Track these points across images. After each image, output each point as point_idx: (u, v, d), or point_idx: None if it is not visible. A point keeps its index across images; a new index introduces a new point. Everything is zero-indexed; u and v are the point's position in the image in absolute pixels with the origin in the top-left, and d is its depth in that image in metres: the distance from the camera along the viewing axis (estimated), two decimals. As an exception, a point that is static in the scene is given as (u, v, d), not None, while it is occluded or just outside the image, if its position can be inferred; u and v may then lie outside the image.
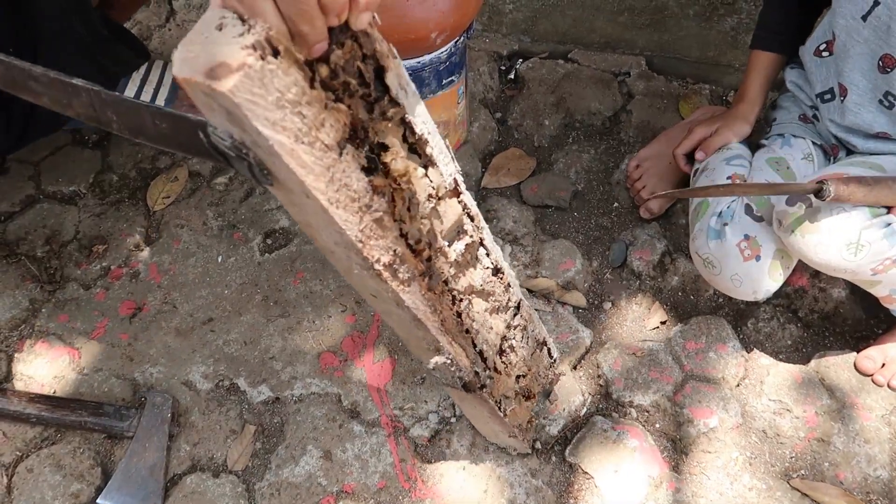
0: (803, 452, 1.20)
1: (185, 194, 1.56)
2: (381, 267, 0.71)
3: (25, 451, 1.24)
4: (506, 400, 1.03)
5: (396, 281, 0.74)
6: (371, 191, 0.65)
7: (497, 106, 1.73)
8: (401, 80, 0.64)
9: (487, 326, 0.93)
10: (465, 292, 0.86)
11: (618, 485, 1.16)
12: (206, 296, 1.41)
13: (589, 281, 1.42)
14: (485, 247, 0.87)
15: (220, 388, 1.30)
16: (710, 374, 1.27)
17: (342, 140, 0.60)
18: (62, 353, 1.34)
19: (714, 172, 1.23)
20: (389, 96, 0.64)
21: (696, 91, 1.68)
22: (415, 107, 0.67)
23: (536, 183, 1.56)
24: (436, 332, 0.83)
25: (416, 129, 0.68)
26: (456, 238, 0.81)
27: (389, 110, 0.64)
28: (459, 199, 0.79)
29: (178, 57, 0.51)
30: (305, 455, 1.22)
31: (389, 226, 0.69)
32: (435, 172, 0.73)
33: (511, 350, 1.01)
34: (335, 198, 0.62)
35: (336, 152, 0.60)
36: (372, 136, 0.64)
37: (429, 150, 0.71)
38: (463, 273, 0.85)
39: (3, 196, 1.55)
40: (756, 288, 1.13)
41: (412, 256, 0.74)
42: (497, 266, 0.90)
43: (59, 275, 1.45)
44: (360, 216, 0.65)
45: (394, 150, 0.67)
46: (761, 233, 1.11)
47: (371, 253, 0.68)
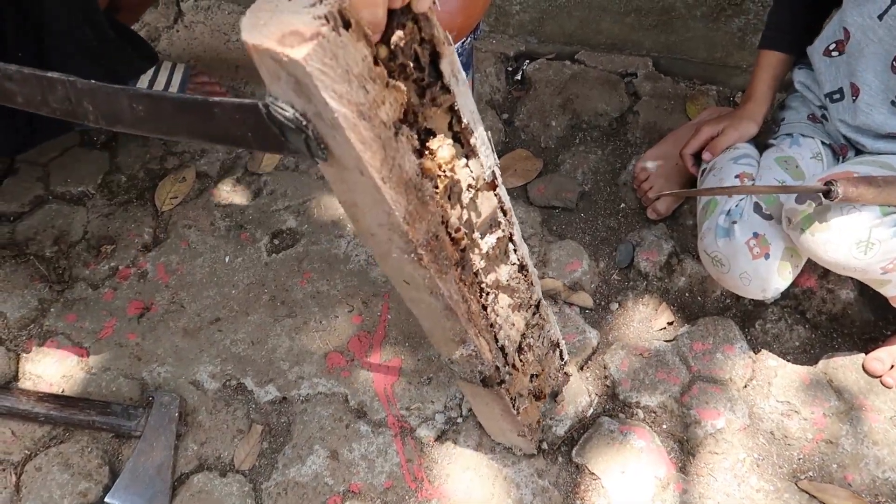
0: (811, 454, 1.20)
1: (192, 195, 1.57)
2: (424, 251, 0.71)
3: (34, 450, 1.24)
4: (520, 398, 1.03)
5: (435, 266, 0.74)
6: (420, 174, 0.66)
7: (504, 107, 1.73)
8: (454, 68, 0.64)
9: (510, 323, 0.93)
10: (493, 286, 0.86)
11: (624, 485, 1.15)
12: (213, 296, 1.41)
13: (596, 282, 1.42)
14: (514, 242, 0.87)
15: (227, 387, 1.30)
16: (718, 376, 1.26)
17: (398, 120, 0.61)
18: (70, 353, 1.35)
19: (722, 171, 1.23)
20: (442, 82, 0.64)
21: (703, 92, 1.68)
22: (464, 96, 0.68)
23: (543, 184, 1.56)
24: (465, 322, 0.83)
25: (462, 118, 0.69)
26: (489, 231, 0.82)
27: (440, 97, 0.65)
28: (496, 192, 0.80)
29: (247, 23, 0.51)
30: (312, 455, 1.22)
31: (434, 211, 0.70)
32: (476, 163, 0.74)
33: (529, 349, 1.01)
34: (388, 176, 0.62)
35: (393, 131, 0.61)
36: (421, 121, 0.65)
37: (472, 141, 0.71)
38: (492, 267, 0.85)
39: (12, 197, 1.56)
40: (765, 286, 1.13)
41: (450, 244, 0.74)
42: (523, 263, 0.91)
43: (67, 275, 1.45)
44: (409, 198, 0.66)
45: (440, 136, 0.67)
46: (770, 231, 1.11)
47: (416, 236, 0.69)
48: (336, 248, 1.46)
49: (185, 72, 1.60)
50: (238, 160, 1.63)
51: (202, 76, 1.66)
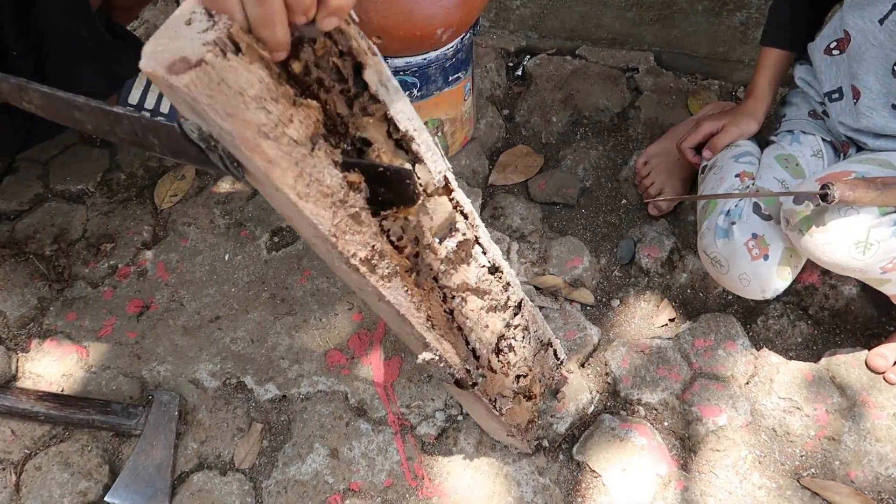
0: (813, 451, 1.19)
1: (192, 192, 1.56)
2: (358, 262, 0.70)
3: (34, 450, 1.24)
4: (502, 399, 1.02)
5: (375, 276, 0.73)
6: (346, 186, 0.65)
7: (504, 103, 1.72)
8: (381, 77, 0.64)
9: (482, 325, 0.92)
10: (459, 289, 0.85)
11: (626, 483, 1.15)
12: (213, 294, 1.41)
13: (597, 278, 1.41)
14: (480, 245, 0.86)
15: (227, 386, 1.30)
16: (719, 372, 1.26)
17: (315, 135, 0.60)
18: (70, 352, 1.34)
19: (722, 170, 1.22)
20: (370, 93, 0.63)
21: (705, 87, 1.67)
22: (397, 103, 0.67)
23: (544, 180, 1.56)
24: (420, 328, 0.82)
25: (399, 126, 0.68)
26: (448, 235, 0.81)
27: (370, 106, 0.64)
28: (451, 197, 0.79)
29: (147, 51, 0.52)
30: (312, 453, 1.22)
31: (367, 221, 0.69)
32: (423, 169, 0.73)
33: (510, 350, 1.00)
34: (305, 192, 0.61)
35: (307, 147, 0.60)
36: (353, 131, 0.64)
37: (415, 147, 0.70)
38: (456, 270, 0.84)
39: (12, 195, 1.56)
40: (764, 287, 1.12)
41: (394, 252, 0.74)
42: (494, 265, 0.90)
43: (67, 273, 1.45)
44: (334, 211, 0.65)
45: (377, 145, 0.67)
46: (769, 231, 1.10)
47: (346, 248, 0.68)
48: (336, 246, 1.45)
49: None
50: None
51: None
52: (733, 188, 1.18)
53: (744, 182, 1.19)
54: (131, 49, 1.50)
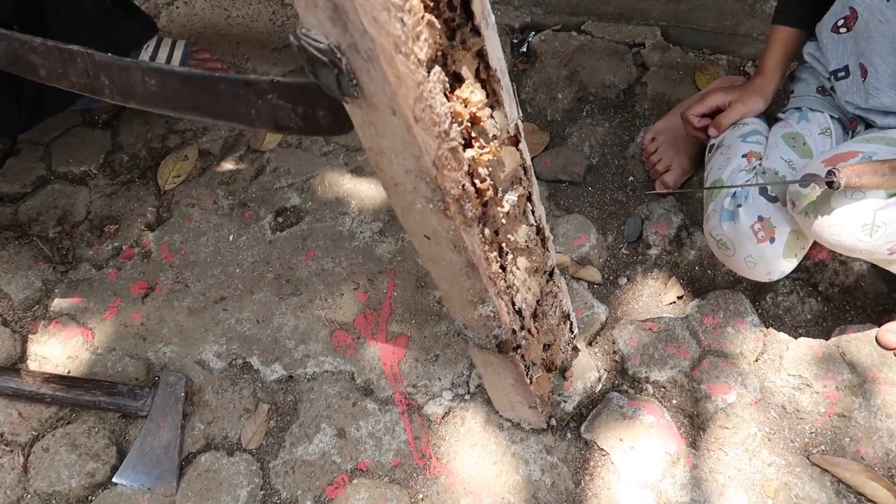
0: (823, 428, 1.18)
1: (195, 173, 1.55)
2: (451, 200, 0.69)
3: (41, 431, 1.24)
4: (534, 367, 1.02)
5: (461, 217, 0.71)
6: (451, 118, 0.63)
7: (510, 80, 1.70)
8: (484, 9, 0.62)
9: (527, 286, 0.91)
10: (512, 247, 0.84)
11: (634, 461, 1.14)
12: (217, 275, 1.40)
13: (604, 256, 1.39)
14: (532, 202, 0.85)
15: (233, 366, 1.30)
16: (728, 350, 1.25)
17: (432, 58, 0.59)
18: (76, 334, 1.34)
19: (729, 150, 1.20)
20: (473, 24, 0.61)
21: (712, 62, 1.64)
22: (493, 41, 0.65)
23: (550, 157, 1.54)
24: (486, 280, 0.81)
25: (491, 64, 0.66)
26: (511, 188, 0.79)
27: (470, 39, 0.62)
28: (518, 147, 0.77)
29: None
30: (319, 433, 1.21)
31: (462, 158, 0.67)
32: (500, 114, 0.71)
33: (543, 316, 0.99)
34: (420, 117, 0.60)
35: (426, 69, 0.58)
36: (450, 64, 0.62)
37: (498, 89, 0.69)
38: (512, 226, 0.83)
39: (14, 177, 1.55)
40: (770, 269, 1.11)
41: (475, 197, 0.73)
42: (540, 225, 0.89)
43: (71, 255, 1.44)
44: (439, 142, 0.63)
45: (467, 83, 0.65)
46: (776, 214, 1.08)
47: (444, 184, 0.66)
48: (340, 226, 1.44)
49: (185, 48, 1.58)
50: (240, 137, 1.61)
51: (203, 53, 1.64)
52: (740, 169, 1.16)
53: (751, 162, 1.17)
54: (136, 18, 1.48)
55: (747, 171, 1.17)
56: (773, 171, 1.13)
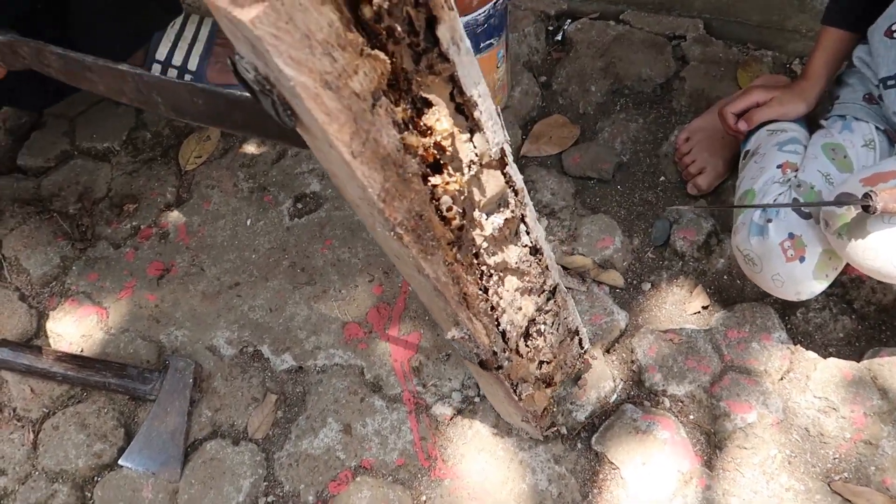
0: (848, 454, 1.13)
1: (217, 154, 1.53)
2: (403, 231, 0.66)
3: (52, 409, 1.25)
4: (523, 384, 0.98)
5: (418, 247, 0.69)
6: (402, 149, 0.60)
7: (542, 69, 1.64)
8: (454, 35, 0.58)
9: (515, 307, 0.88)
10: (497, 268, 0.81)
11: (645, 478, 1.11)
12: (233, 259, 1.39)
13: (628, 259, 1.34)
14: (526, 224, 0.82)
15: (243, 354, 1.28)
16: (752, 366, 1.19)
17: (377, 90, 0.55)
18: (90, 312, 1.34)
19: (764, 159, 1.14)
20: (440, 50, 0.58)
21: (756, 58, 1.56)
22: (467, 66, 0.61)
23: (579, 153, 1.48)
24: (455, 305, 0.79)
25: (465, 90, 0.62)
26: (496, 210, 0.76)
27: (438, 65, 0.59)
28: (504, 171, 0.74)
29: None
30: (325, 427, 1.20)
31: (419, 188, 0.64)
32: (480, 138, 0.68)
33: (539, 335, 0.96)
34: (359, 151, 0.57)
35: (368, 103, 0.55)
36: (415, 89, 0.59)
37: (476, 114, 0.65)
38: (498, 248, 0.80)
39: (39, 151, 1.55)
40: (799, 289, 1.05)
41: (440, 224, 0.69)
42: (536, 246, 0.85)
43: (90, 233, 1.44)
44: (386, 174, 0.60)
45: (438, 107, 0.62)
46: (808, 232, 1.02)
47: (393, 215, 0.64)
48: (359, 215, 1.42)
49: (212, 26, 1.55)
50: (264, 119, 1.59)
51: None
52: (773, 180, 1.10)
53: (785, 174, 1.11)
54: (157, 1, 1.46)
55: (781, 183, 1.10)
56: (808, 184, 1.07)
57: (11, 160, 1.56)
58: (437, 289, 0.75)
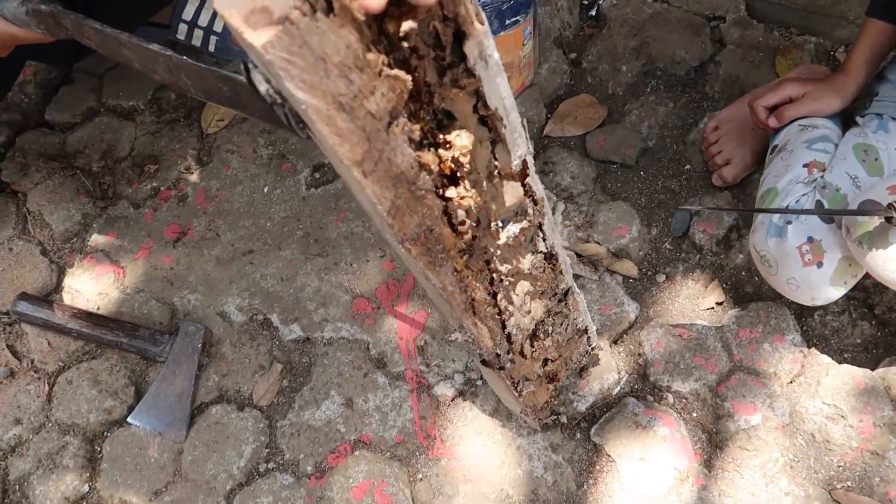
0: (853, 463, 1.10)
1: (238, 118, 1.53)
2: (411, 245, 0.65)
3: (67, 363, 1.28)
4: (525, 382, 0.98)
5: (426, 259, 0.68)
6: (417, 167, 0.59)
7: (573, 45, 1.60)
8: (482, 51, 0.56)
9: (524, 310, 0.87)
10: (509, 274, 0.80)
11: (641, 473, 1.10)
12: (248, 226, 1.40)
13: (645, 249, 1.32)
14: (542, 231, 0.80)
15: (253, 321, 1.30)
16: (761, 368, 1.17)
17: (395, 109, 0.54)
18: (108, 271, 1.37)
19: (791, 156, 1.09)
20: (466, 65, 0.56)
21: (798, 45, 1.50)
22: (494, 80, 0.59)
23: (604, 135, 1.45)
24: (460, 312, 0.78)
25: (489, 105, 0.61)
26: (512, 220, 0.74)
27: (463, 80, 0.57)
28: (524, 183, 0.72)
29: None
30: (328, 400, 1.21)
31: (431, 203, 0.63)
32: (502, 151, 0.66)
33: (546, 336, 0.95)
34: (371, 170, 0.56)
35: (384, 123, 0.54)
36: (437, 102, 0.58)
37: (500, 128, 0.63)
38: (511, 255, 0.78)
39: (66, 106, 1.57)
40: (815, 295, 1.02)
41: (452, 235, 0.68)
42: (552, 252, 0.83)
43: (111, 191, 1.46)
44: (397, 192, 0.59)
45: (460, 120, 0.60)
46: (828, 236, 0.98)
47: (403, 230, 0.63)
48: (375, 188, 1.41)
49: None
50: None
51: None
52: (798, 180, 1.06)
53: (811, 174, 1.06)
54: None
55: (805, 183, 1.06)
56: (834, 187, 1.03)
57: (40, 114, 1.57)
58: (443, 296, 0.75)
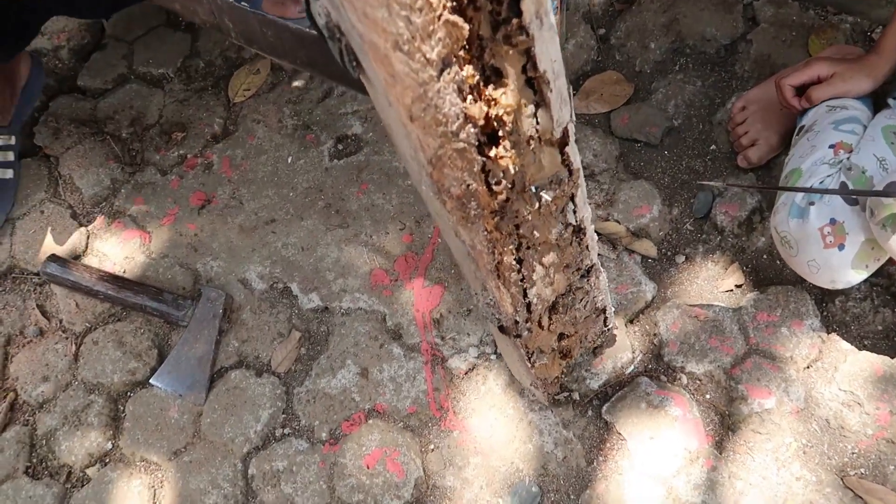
0: (867, 451, 1.09)
1: (265, 88, 1.54)
2: (448, 197, 0.65)
3: (94, 324, 1.32)
4: (539, 354, 0.98)
5: (460, 214, 0.68)
6: (462, 119, 0.59)
7: (602, 21, 1.58)
8: (539, 9, 0.55)
9: (547, 281, 0.87)
10: (536, 242, 0.80)
11: (651, 452, 1.10)
12: (271, 196, 1.41)
13: (665, 229, 1.31)
14: (574, 203, 0.80)
15: (273, 289, 1.32)
16: (777, 352, 1.16)
17: (449, 56, 0.54)
18: (134, 236, 1.40)
19: (817, 137, 1.07)
20: (520, 22, 0.55)
21: (833, 25, 1.46)
22: (547, 41, 0.59)
23: (629, 113, 1.43)
24: (486, 272, 0.78)
25: (538, 66, 0.60)
26: (547, 187, 0.74)
27: (516, 37, 0.56)
28: (564, 151, 0.72)
29: None
30: (344, 369, 1.23)
31: (471, 158, 0.63)
32: (545, 115, 0.65)
33: (565, 310, 0.95)
34: (419, 115, 0.56)
35: (436, 69, 0.53)
36: (487, 57, 0.57)
37: (546, 92, 0.62)
38: (541, 223, 0.78)
39: (98, 72, 1.60)
40: (835, 278, 1.00)
41: (487, 194, 0.68)
42: (581, 225, 0.83)
43: (139, 158, 1.49)
44: (442, 142, 0.59)
45: (508, 79, 0.59)
46: (851, 219, 0.97)
47: (441, 181, 0.63)
48: (397, 162, 1.41)
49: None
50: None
51: None
52: (823, 161, 1.04)
53: (837, 155, 1.04)
54: None
55: (831, 164, 1.04)
56: (860, 168, 1.01)
57: (73, 79, 1.60)
58: (471, 255, 0.75)
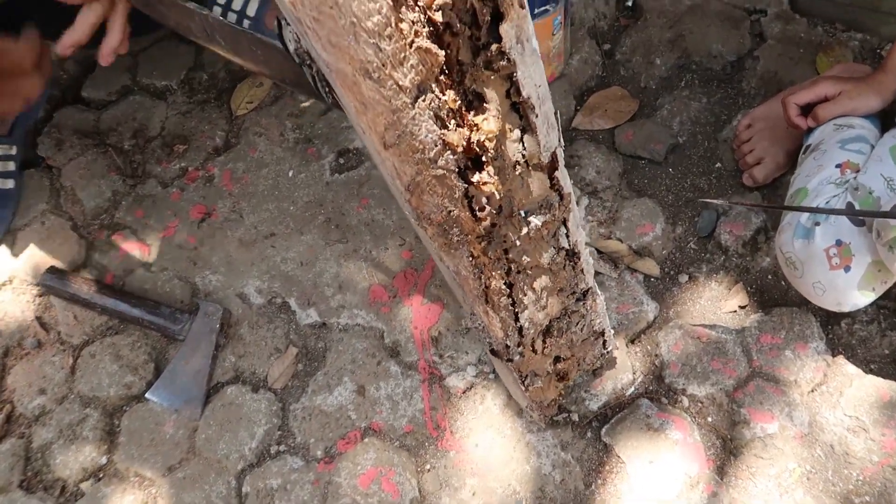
0: (873, 478, 1.07)
1: (267, 101, 1.54)
2: (428, 224, 0.64)
3: (91, 337, 1.31)
4: (533, 377, 0.97)
5: (442, 241, 0.67)
6: (440, 145, 0.58)
7: (607, 36, 1.57)
8: (520, 34, 0.55)
9: (540, 305, 0.86)
10: (528, 267, 0.79)
11: (650, 476, 1.08)
12: (272, 210, 1.41)
13: (668, 248, 1.29)
14: (566, 227, 0.78)
15: (271, 304, 1.31)
16: (781, 375, 1.14)
17: (424, 83, 0.53)
18: (134, 248, 1.39)
19: (824, 156, 1.05)
20: (500, 47, 0.55)
21: (841, 42, 1.44)
22: (530, 66, 0.58)
23: (633, 129, 1.42)
24: (473, 298, 0.77)
25: (522, 91, 0.59)
26: (536, 212, 0.73)
27: (497, 62, 0.56)
28: (552, 176, 0.70)
29: None
30: (340, 386, 1.22)
31: (451, 184, 0.62)
32: (531, 140, 0.64)
33: (560, 333, 0.93)
34: (392, 142, 0.55)
35: (410, 96, 0.53)
36: (468, 83, 0.57)
37: (531, 117, 0.62)
38: (532, 248, 0.77)
39: (102, 83, 1.60)
40: (841, 300, 0.98)
41: (471, 220, 0.67)
42: (574, 250, 0.82)
43: (141, 170, 1.49)
44: (419, 169, 0.58)
45: (491, 104, 0.59)
46: (857, 240, 0.95)
47: (421, 208, 0.62)
48: (398, 176, 1.40)
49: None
50: (318, 69, 1.58)
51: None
52: (829, 180, 1.02)
53: (844, 174, 1.03)
54: None
55: (837, 184, 1.03)
56: (866, 189, 0.99)
57: (77, 90, 1.61)
58: (457, 280, 0.74)
